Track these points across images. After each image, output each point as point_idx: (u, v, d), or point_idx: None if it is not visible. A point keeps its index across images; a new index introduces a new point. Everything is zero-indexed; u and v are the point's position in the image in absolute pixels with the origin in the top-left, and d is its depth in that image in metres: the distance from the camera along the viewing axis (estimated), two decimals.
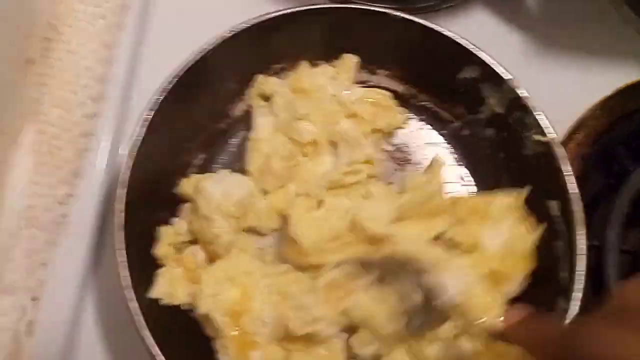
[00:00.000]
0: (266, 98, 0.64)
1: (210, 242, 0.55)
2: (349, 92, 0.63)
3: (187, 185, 0.58)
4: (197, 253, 0.57)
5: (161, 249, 0.56)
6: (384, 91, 0.64)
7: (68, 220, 0.58)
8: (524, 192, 0.58)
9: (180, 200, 0.60)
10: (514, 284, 0.56)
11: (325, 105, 0.62)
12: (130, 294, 0.49)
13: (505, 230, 0.57)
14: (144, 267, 0.54)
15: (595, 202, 0.69)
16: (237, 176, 0.59)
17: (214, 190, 0.56)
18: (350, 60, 0.64)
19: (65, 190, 0.59)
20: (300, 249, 0.55)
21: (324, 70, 0.63)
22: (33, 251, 0.56)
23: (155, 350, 0.49)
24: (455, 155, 0.65)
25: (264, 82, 0.63)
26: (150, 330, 0.49)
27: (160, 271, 0.55)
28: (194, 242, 0.58)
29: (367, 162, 0.61)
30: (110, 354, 0.57)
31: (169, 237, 0.56)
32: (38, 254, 0.57)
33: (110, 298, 0.58)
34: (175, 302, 0.54)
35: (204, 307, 0.53)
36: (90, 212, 0.59)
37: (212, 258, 0.57)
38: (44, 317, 0.55)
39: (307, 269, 0.56)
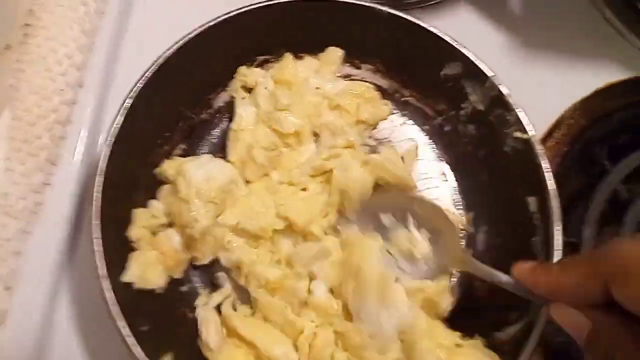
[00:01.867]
0: (249, 89, 0.63)
1: (187, 225, 0.54)
2: (333, 84, 0.63)
3: (169, 166, 0.57)
4: (172, 237, 0.56)
5: (135, 232, 0.55)
6: (367, 83, 0.64)
7: (43, 208, 0.57)
8: None
9: (160, 183, 0.59)
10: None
11: (308, 97, 0.61)
12: (107, 284, 0.49)
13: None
14: (121, 255, 0.53)
15: (574, 200, 0.70)
16: (220, 162, 0.58)
17: (196, 174, 0.55)
18: (334, 53, 0.64)
19: (40, 179, 0.58)
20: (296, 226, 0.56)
21: (308, 63, 0.63)
22: (6, 239, 0.55)
23: (132, 340, 0.48)
24: (437, 151, 0.65)
25: (247, 73, 0.63)
26: (126, 319, 0.48)
27: (134, 255, 0.54)
28: (170, 225, 0.57)
29: (349, 146, 0.61)
30: (85, 343, 0.56)
31: (143, 219, 0.56)
32: (11, 242, 0.55)
33: (85, 287, 0.56)
34: (149, 286, 0.54)
35: None
36: (66, 200, 0.57)
37: (187, 242, 0.56)
38: (17, 307, 0.54)
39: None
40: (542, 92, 0.71)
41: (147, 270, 0.54)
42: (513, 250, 0.58)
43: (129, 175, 0.56)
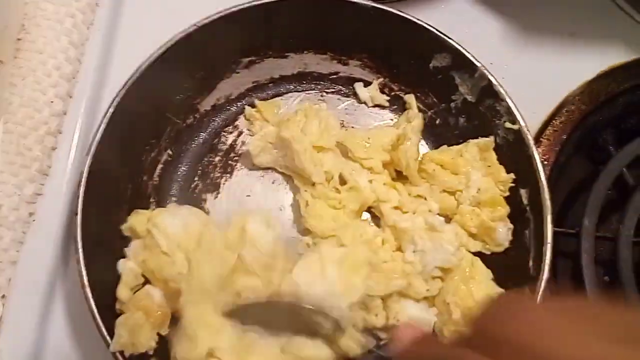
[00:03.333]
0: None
1: (171, 280, 0.51)
2: None
3: (137, 221, 0.55)
4: (152, 293, 0.53)
5: (122, 292, 0.52)
6: None
7: (36, 218, 0.59)
8: (490, 141, 0.59)
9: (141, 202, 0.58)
10: (500, 234, 0.56)
11: None
12: (89, 293, 0.50)
13: (475, 183, 0.58)
14: (106, 261, 0.54)
15: (577, 189, 0.68)
16: (190, 208, 0.56)
17: (172, 223, 0.53)
18: None
19: (33, 189, 0.59)
20: None
21: None
22: (3, 250, 0.57)
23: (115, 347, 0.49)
24: (427, 145, 0.64)
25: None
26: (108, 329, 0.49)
27: (119, 320, 0.51)
28: (146, 281, 0.54)
29: None
30: (77, 349, 0.57)
31: (129, 281, 0.53)
32: (6, 252, 0.57)
33: (78, 294, 0.57)
34: (140, 350, 0.51)
35: None
36: (58, 210, 0.59)
37: (171, 296, 0.53)
38: (13, 314, 0.56)
39: None
40: (544, 79, 0.68)
41: (136, 334, 0.51)
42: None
43: (115, 183, 0.57)
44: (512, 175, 0.57)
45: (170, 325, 0.53)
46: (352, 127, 0.65)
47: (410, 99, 0.63)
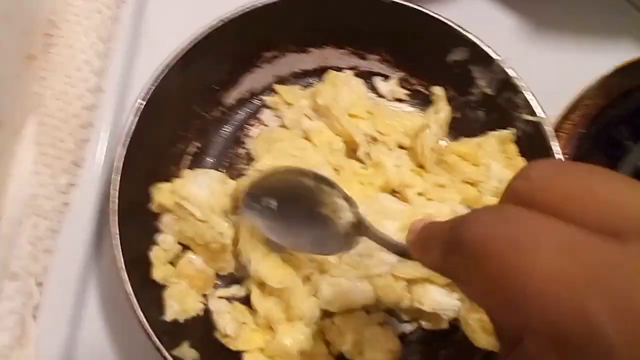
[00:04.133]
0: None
1: (212, 242, 0.55)
2: None
3: (161, 196, 0.57)
4: (193, 259, 0.58)
5: (159, 272, 0.56)
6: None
7: (70, 208, 0.61)
8: (510, 133, 0.60)
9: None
10: None
11: None
12: (125, 276, 0.52)
13: (495, 174, 0.59)
14: (140, 249, 0.56)
15: None
16: (207, 173, 0.59)
17: (200, 193, 0.56)
18: None
19: (66, 180, 0.61)
20: None
21: None
22: (37, 238, 0.59)
23: (151, 331, 0.51)
24: (447, 137, 0.65)
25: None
26: (145, 309, 0.51)
27: (167, 293, 0.56)
28: (185, 249, 0.59)
29: None
30: (112, 336, 0.59)
31: (161, 258, 0.57)
32: (42, 240, 0.59)
33: (111, 282, 0.60)
34: (191, 314, 0.56)
35: None
36: (91, 200, 0.61)
37: (212, 257, 0.57)
38: (48, 301, 0.58)
39: None
40: (559, 73, 0.69)
41: (184, 301, 0.56)
42: None
43: (146, 172, 0.59)
44: None
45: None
46: None
47: (438, 90, 0.64)
